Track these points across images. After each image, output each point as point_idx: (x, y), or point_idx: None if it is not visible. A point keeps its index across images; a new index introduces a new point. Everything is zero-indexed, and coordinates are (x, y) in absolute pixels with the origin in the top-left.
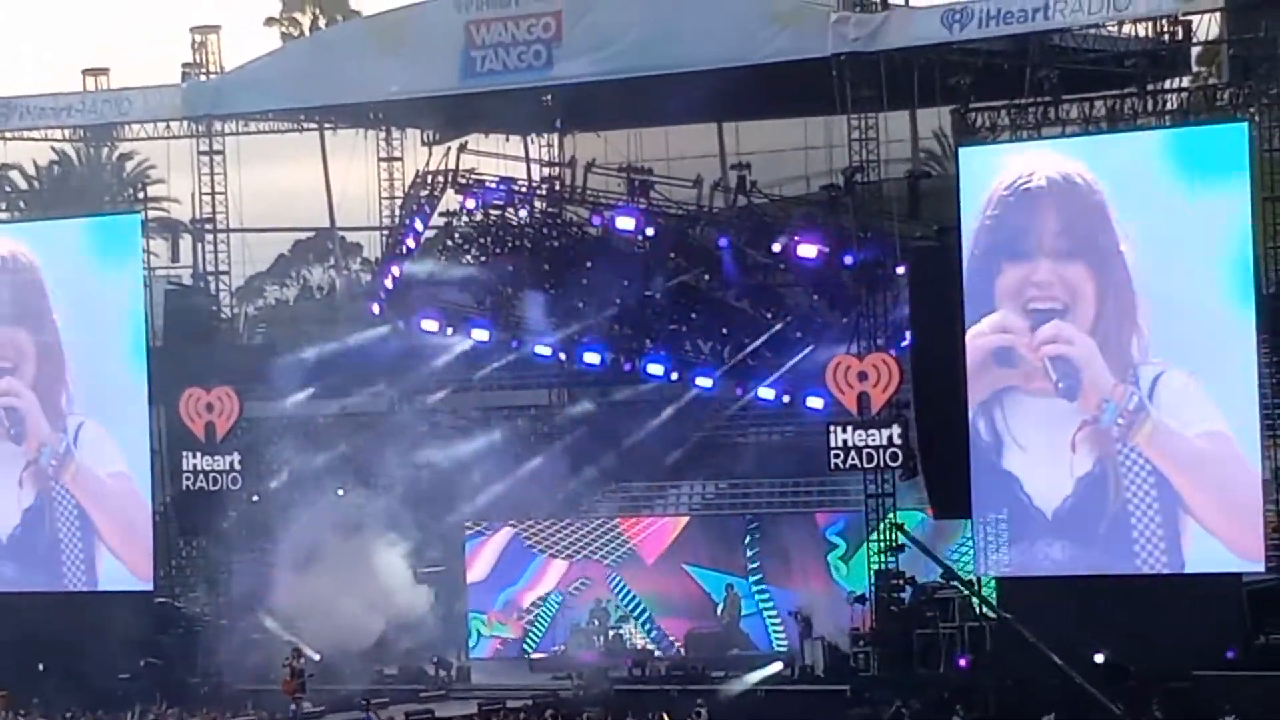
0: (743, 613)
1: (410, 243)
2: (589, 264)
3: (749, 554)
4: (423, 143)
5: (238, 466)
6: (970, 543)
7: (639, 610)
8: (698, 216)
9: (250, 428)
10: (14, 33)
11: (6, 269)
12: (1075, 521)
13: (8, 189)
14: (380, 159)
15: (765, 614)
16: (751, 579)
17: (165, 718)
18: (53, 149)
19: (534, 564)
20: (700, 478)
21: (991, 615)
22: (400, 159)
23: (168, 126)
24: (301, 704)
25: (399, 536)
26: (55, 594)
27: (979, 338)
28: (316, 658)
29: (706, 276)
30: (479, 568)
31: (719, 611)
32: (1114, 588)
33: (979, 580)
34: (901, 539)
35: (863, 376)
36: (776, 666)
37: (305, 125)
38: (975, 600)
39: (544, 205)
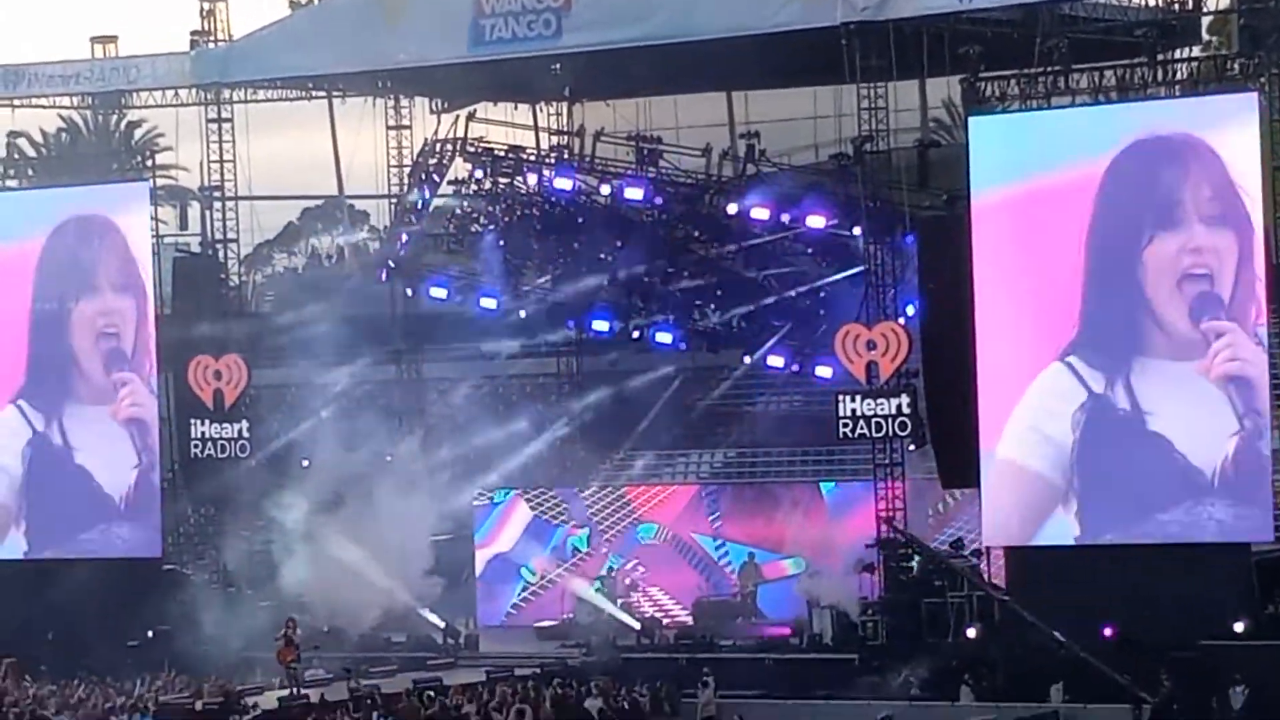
0: (760, 581)
1: (419, 211)
2: (598, 232)
3: (758, 522)
4: (431, 111)
5: (246, 434)
6: None
7: (647, 578)
8: (707, 185)
9: (259, 395)
10: (22, 0)
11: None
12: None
13: (16, 156)
14: (389, 127)
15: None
16: (761, 547)
17: (173, 685)
18: (61, 116)
19: (554, 533)
20: (709, 446)
21: (999, 589)
22: (409, 127)
23: (176, 94)
24: (297, 672)
25: (406, 505)
26: (61, 560)
27: None
28: (325, 629)
29: (716, 245)
30: (486, 536)
31: (739, 583)
32: (1122, 557)
33: (988, 551)
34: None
35: (871, 345)
36: None
37: (314, 93)
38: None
39: (552, 173)
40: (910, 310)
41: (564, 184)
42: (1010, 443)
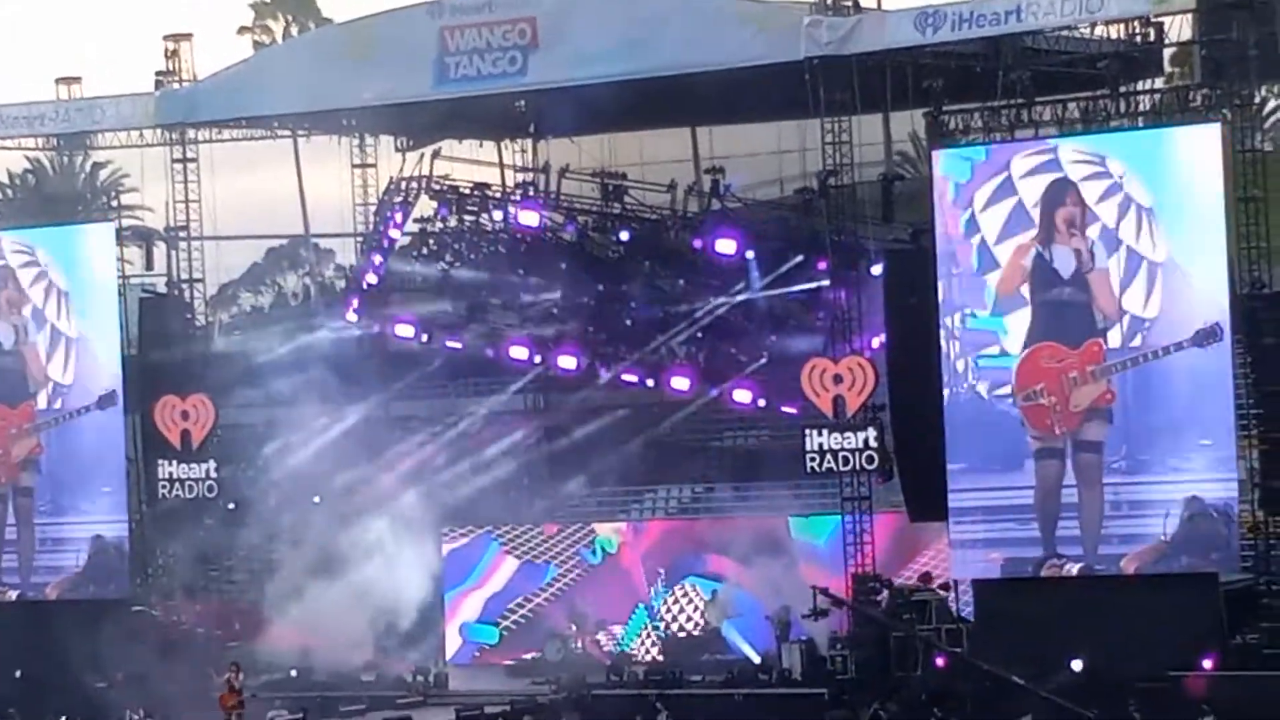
0: (727, 616)
1: (385, 249)
2: (564, 268)
3: (725, 557)
4: (396, 149)
5: (214, 474)
6: None
7: (616, 615)
8: (672, 221)
9: (226, 435)
10: None
11: None
12: None
13: None
14: (354, 165)
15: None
16: (728, 583)
17: None
18: (26, 158)
19: (509, 567)
20: (676, 482)
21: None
22: (374, 165)
23: (141, 134)
24: (240, 716)
25: (376, 543)
26: (30, 602)
27: None
28: (292, 673)
29: (681, 281)
30: (454, 573)
31: (702, 615)
32: (1091, 589)
33: (955, 584)
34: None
35: (838, 379)
36: None
37: (279, 132)
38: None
39: (517, 211)
40: (876, 343)
41: (530, 219)
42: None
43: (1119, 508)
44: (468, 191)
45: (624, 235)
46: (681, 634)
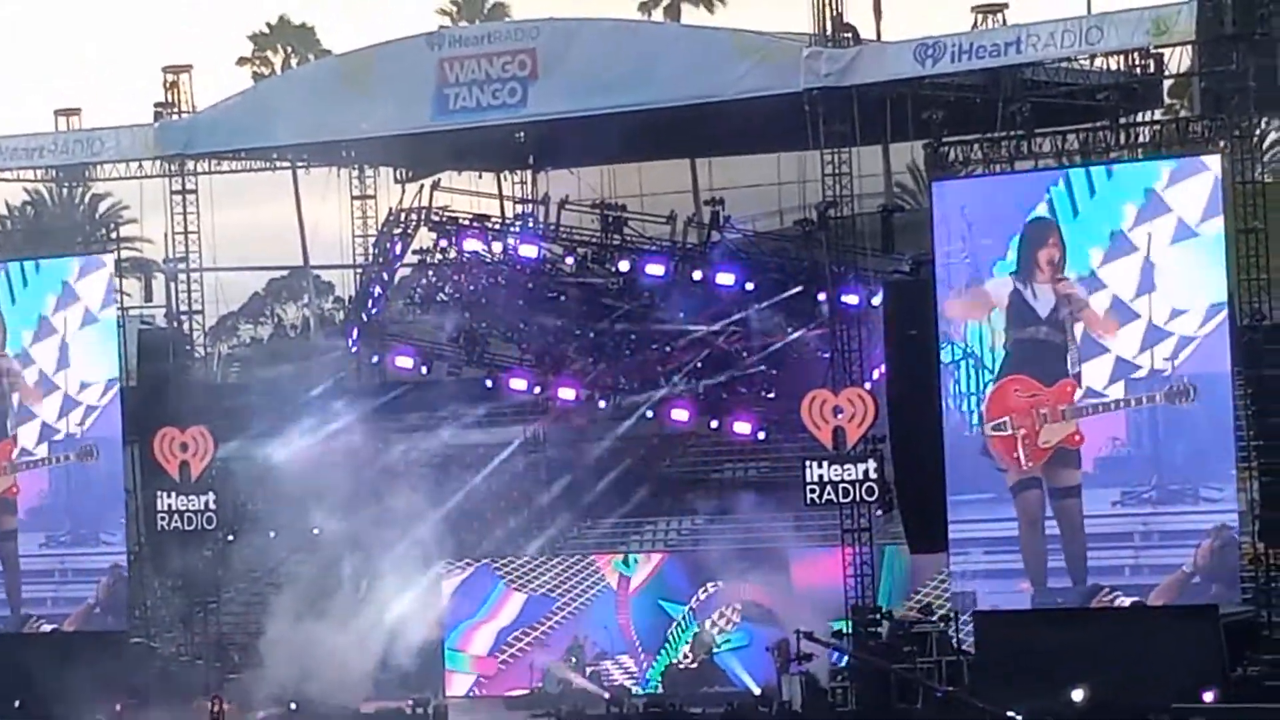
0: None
1: (384, 280)
2: (563, 300)
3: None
4: (395, 180)
5: (212, 506)
6: None
7: (616, 647)
8: (672, 253)
9: (224, 467)
10: None
11: None
12: None
13: None
14: (353, 197)
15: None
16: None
17: None
18: (25, 189)
19: (510, 600)
20: (676, 513)
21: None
22: (373, 197)
23: (140, 166)
24: None
25: (374, 574)
26: (27, 634)
27: None
28: (292, 706)
29: (681, 313)
30: (453, 606)
31: (691, 652)
32: (1092, 620)
33: (956, 615)
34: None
35: (838, 411)
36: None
37: (278, 164)
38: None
39: (517, 242)
40: (876, 375)
41: (529, 251)
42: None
43: (1149, 538)
44: (467, 223)
45: (624, 266)
46: (683, 665)
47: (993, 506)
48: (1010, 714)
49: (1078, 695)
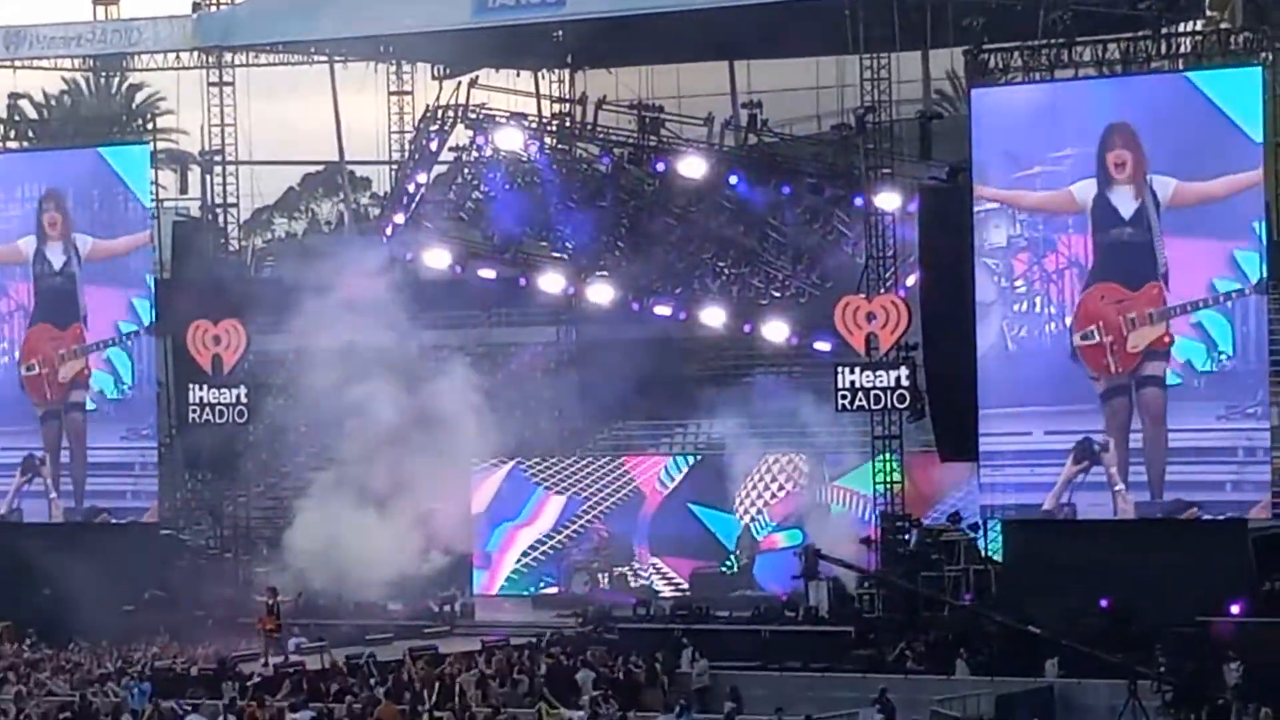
0: (757, 552)
1: (420, 178)
2: (598, 200)
3: (755, 494)
4: (433, 77)
5: (244, 400)
6: None
7: (644, 546)
8: (709, 154)
9: (257, 361)
10: None
11: None
12: None
13: (18, 118)
14: (390, 93)
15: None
16: (759, 519)
17: (168, 650)
18: (63, 79)
19: (533, 499)
20: (707, 417)
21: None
22: (410, 93)
23: (177, 57)
24: (277, 640)
25: (403, 472)
26: (58, 524)
27: None
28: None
29: (716, 216)
30: (481, 504)
31: (735, 553)
32: (1120, 532)
33: (985, 523)
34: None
35: (871, 317)
36: None
37: (315, 58)
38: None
39: (554, 142)
40: (910, 282)
41: (565, 150)
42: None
43: (1253, 454)
44: (504, 120)
45: (660, 168)
46: (709, 569)
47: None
48: (1030, 627)
49: (1104, 604)
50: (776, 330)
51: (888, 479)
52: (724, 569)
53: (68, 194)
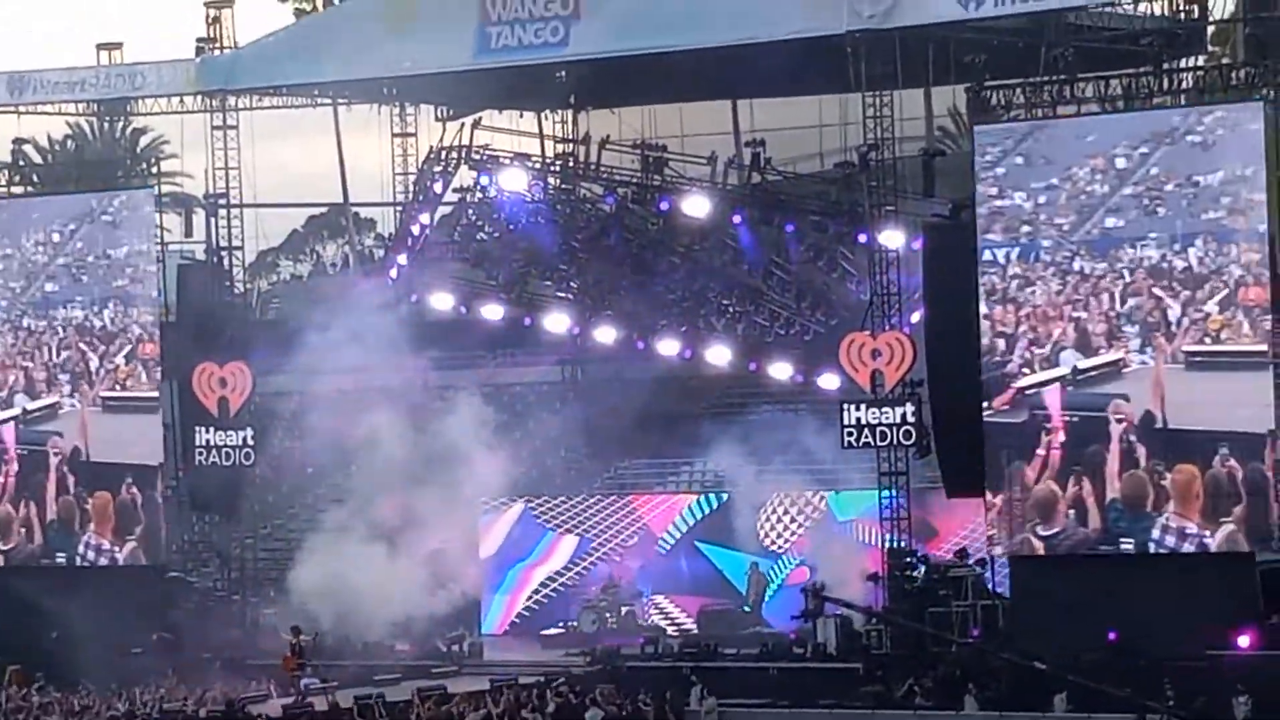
0: (769, 593)
1: (424, 219)
2: (602, 240)
3: (762, 531)
4: (436, 118)
5: (250, 442)
6: None
7: (651, 587)
8: (713, 194)
9: (263, 403)
10: (28, 6)
11: None
12: None
13: (22, 163)
14: (394, 135)
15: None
16: (767, 557)
17: (176, 692)
18: (67, 123)
19: (545, 540)
20: (713, 455)
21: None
22: (414, 134)
23: (181, 101)
24: (300, 681)
25: (411, 512)
26: (66, 567)
27: None
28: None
29: (721, 254)
30: (490, 543)
31: (745, 591)
32: (1127, 566)
33: (992, 559)
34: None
35: (876, 354)
36: None
37: (319, 100)
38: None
39: (558, 182)
40: (915, 319)
41: (569, 191)
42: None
43: None
44: (508, 162)
45: (663, 207)
46: (717, 606)
47: None
48: (1036, 663)
49: (1111, 637)
50: (781, 368)
51: (894, 515)
52: (746, 609)
53: None
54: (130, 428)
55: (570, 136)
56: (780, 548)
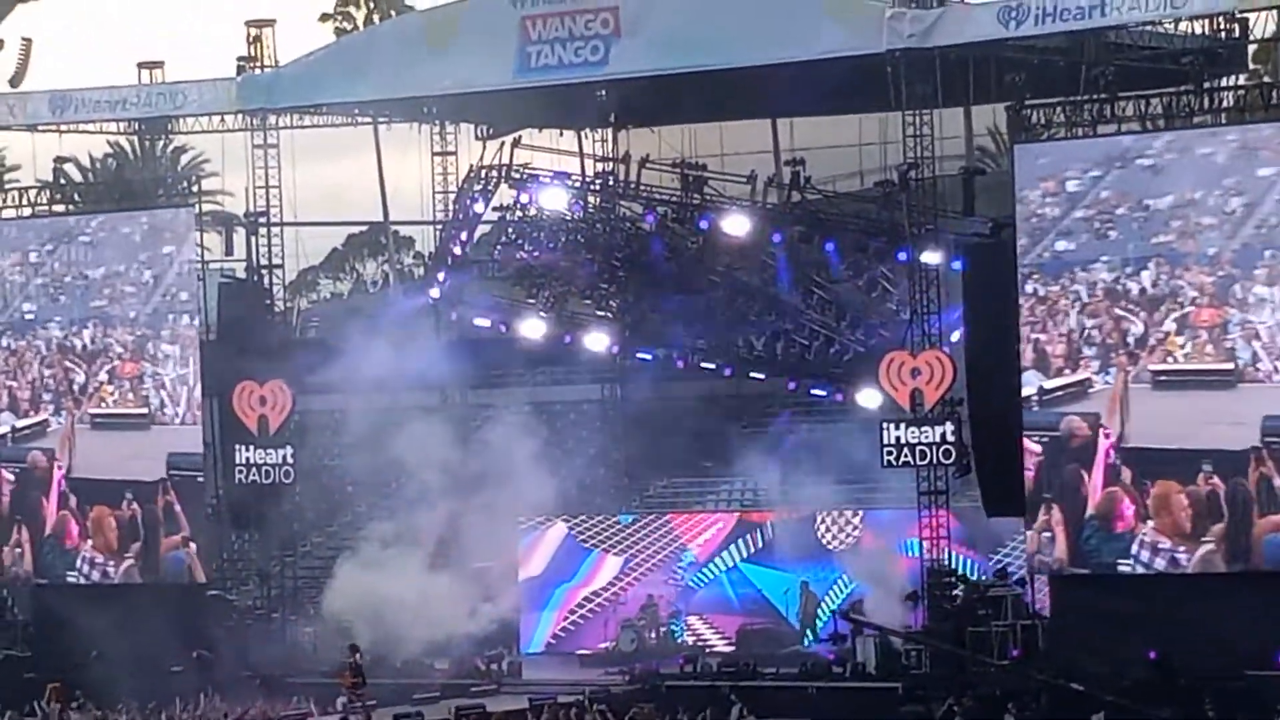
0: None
1: (464, 237)
2: (643, 259)
3: (802, 550)
4: (476, 137)
5: (290, 460)
6: None
7: (691, 606)
8: (752, 212)
9: (303, 421)
10: (70, 25)
11: None
12: None
13: (63, 182)
14: (434, 153)
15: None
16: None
17: (214, 711)
18: (108, 142)
19: (588, 560)
20: (753, 474)
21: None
22: (454, 153)
23: (222, 120)
24: (357, 699)
25: (450, 530)
26: (106, 585)
27: None
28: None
29: (760, 273)
30: (533, 564)
31: (797, 609)
32: (1168, 585)
33: (1032, 578)
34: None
35: (915, 373)
36: None
37: (359, 119)
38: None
39: (598, 200)
40: (955, 337)
41: (609, 210)
42: None
43: None
44: (548, 180)
45: (703, 225)
46: (757, 625)
47: None
48: (1072, 684)
49: (1151, 655)
50: (821, 386)
51: (934, 534)
52: (797, 628)
53: None
54: (126, 444)
55: (610, 155)
56: (828, 566)
